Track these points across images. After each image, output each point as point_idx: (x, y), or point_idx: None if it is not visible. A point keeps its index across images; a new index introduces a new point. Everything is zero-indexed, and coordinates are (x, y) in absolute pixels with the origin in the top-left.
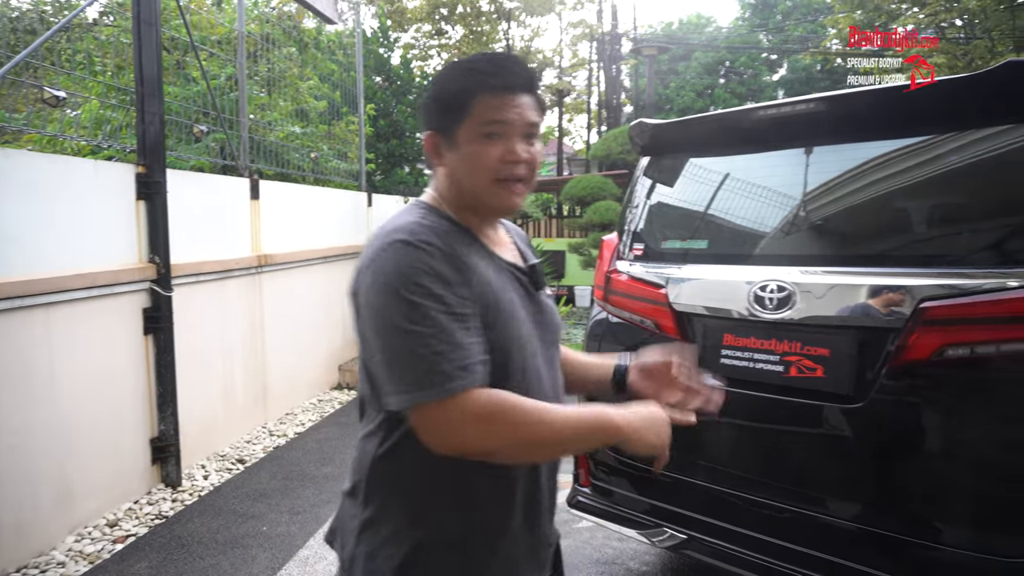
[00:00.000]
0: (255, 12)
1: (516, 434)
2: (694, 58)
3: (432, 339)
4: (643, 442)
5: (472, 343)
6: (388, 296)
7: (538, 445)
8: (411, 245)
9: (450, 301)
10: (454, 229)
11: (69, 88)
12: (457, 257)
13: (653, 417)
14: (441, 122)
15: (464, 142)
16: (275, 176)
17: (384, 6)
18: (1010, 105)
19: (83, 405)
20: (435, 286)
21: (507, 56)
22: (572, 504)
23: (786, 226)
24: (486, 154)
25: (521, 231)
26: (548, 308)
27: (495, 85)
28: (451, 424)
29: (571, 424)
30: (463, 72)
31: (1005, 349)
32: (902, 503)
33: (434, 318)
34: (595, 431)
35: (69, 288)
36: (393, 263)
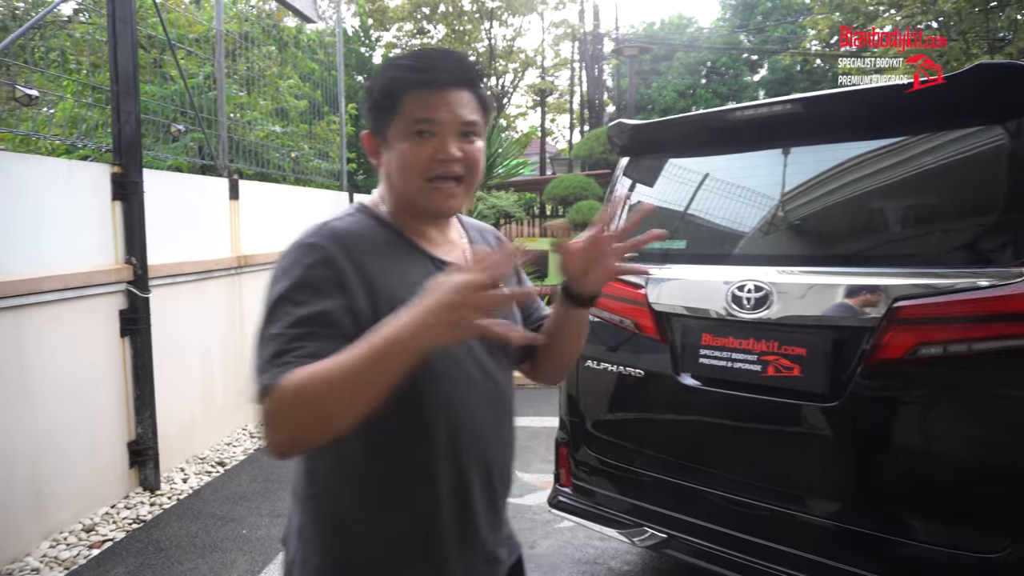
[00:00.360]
0: (234, 11)
1: (320, 402)
2: (676, 58)
3: (271, 340)
4: (442, 332)
5: (309, 352)
6: (269, 291)
7: (346, 402)
8: (302, 245)
9: (305, 308)
10: (379, 230)
11: (45, 87)
12: (352, 264)
13: (434, 301)
14: (375, 122)
15: (395, 141)
16: (255, 176)
17: (365, 5)
18: (981, 107)
19: (57, 409)
20: (303, 290)
21: (443, 51)
22: (553, 504)
23: (764, 226)
24: (416, 153)
25: (491, 229)
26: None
27: (425, 81)
28: (266, 419)
29: (364, 358)
30: (393, 70)
31: (977, 348)
32: (878, 501)
33: (287, 320)
34: (385, 352)
35: (40, 290)
36: (282, 262)
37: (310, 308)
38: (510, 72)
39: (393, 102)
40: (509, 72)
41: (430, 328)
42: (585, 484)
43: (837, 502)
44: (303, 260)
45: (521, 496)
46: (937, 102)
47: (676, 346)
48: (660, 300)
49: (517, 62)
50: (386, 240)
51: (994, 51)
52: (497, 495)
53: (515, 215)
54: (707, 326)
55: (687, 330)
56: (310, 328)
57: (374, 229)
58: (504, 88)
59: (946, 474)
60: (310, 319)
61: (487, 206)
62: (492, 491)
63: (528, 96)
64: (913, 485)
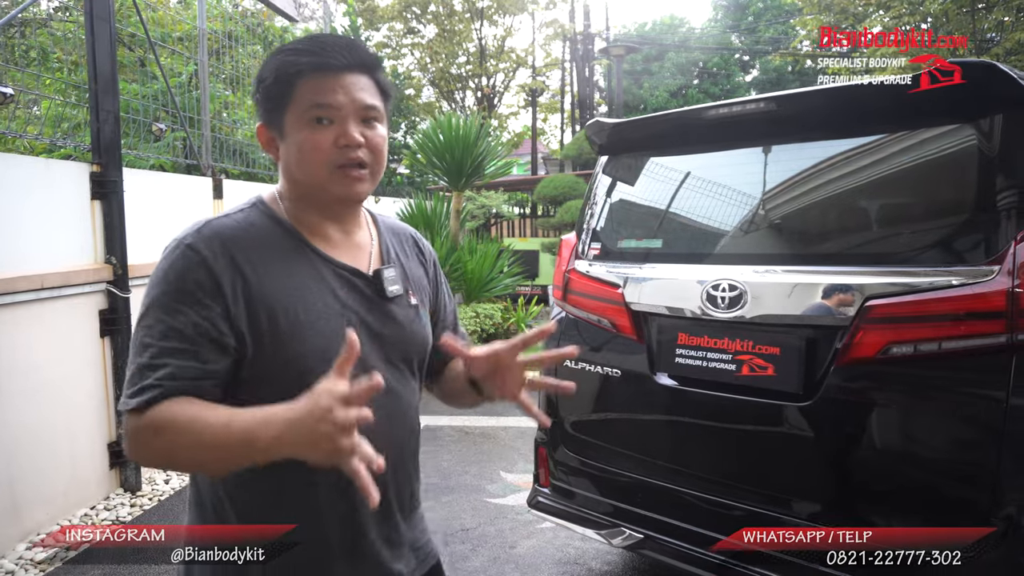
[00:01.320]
0: (216, 10)
1: (173, 451)
2: (668, 59)
3: (145, 349)
4: (307, 455)
5: (180, 364)
6: (145, 294)
7: (197, 463)
8: (179, 246)
9: (181, 316)
10: (270, 229)
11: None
12: (227, 267)
13: (305, 421)
14: (268, 112)
15: (292, 131)
16: (242, 175)
17: (355, 4)
18: (952, 106)
19: (35, 409)
20: (174, 297)
21: (335, 36)
22: (532, 504)
23: (739, 225)
24: (317, 141)
25: (408, 230)
26: (398, 320)
27: (318, 65)
28: (125, 436)
29: (226, 441)
30: (284, 54)
31: (947, 347)
32: (851, 500)
33: (157, 328)
34: (241, 448)
35: (15, 290)
36: (159, 262)
37: (180, 319)
38: (501, 72)
39: (286, 89)
40: (500, 72)
41: (291, 445)
42: (564, 484)
43: (811, 502)
44: (178, 264)
45: (504, 496)
46: (912, 102)
47: (653, 346)
48: (636, 299)
49: (508, 62)
50: (275, 240)
51: (981, 52)
52: (393, 509)
53: (505, 215)
54: (683, 325)
55: (663, 330)
56: (178, 343)
57: (264, 227)
58: (495, 88)
59: (918, 473)
60: (179, 332)
61: (476, 206)
62: (385, 507)
63: (520, 96)
64: (885, 484)
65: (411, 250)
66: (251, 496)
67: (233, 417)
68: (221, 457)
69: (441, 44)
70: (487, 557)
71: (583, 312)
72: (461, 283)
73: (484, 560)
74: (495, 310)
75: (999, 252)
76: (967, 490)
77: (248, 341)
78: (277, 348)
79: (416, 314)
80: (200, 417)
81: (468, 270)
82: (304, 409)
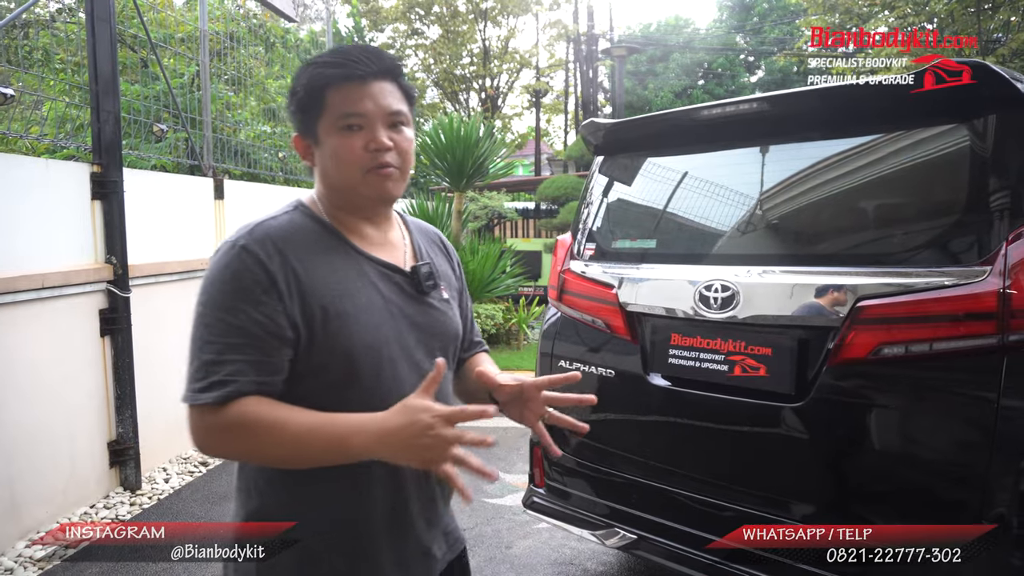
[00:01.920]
0: (219, 11)
1: (258, 449)
2: (672, 59)
3: (208, 346)
4: (403, 461)
5: (245, 360)
6: (200, 294)
7: (286, 460)
8: (234, 247)
9: (241, 314)
10: (314, 229)
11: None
12: (281, 266)
13: (402, 433)
14: (302, 123)
15: (325, 138)
16: (244, 176)
17: (359, 5)
18: (945, 107)
19: (35, 408)
20: (233, 296)
21: (359, 46)
22: (527, 505)
23: (732, 226)
24: (349, 146)
25: (434, 230)
26: (435, 313)
27: (346, 75)
28: (196, 430)
29: (315, 443)
30: (313, 68)
31: (938, 347)
32: (843, 501)
33: (218, 326)
34: (334, 450)
35: (15, 289)
36: (213, 263)
37: (242, 316)
38: (505, 73)
39: (317, 99)
40: (504, 73)
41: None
42: (558, 485)
43: (804, 503)
44: (234, 264)
45: (502, 496)
46: (907, 101)
47: (646, 346)
48: (630, 300)
49: (512, 63)
50: (319, 239)
51: (987, 52)
52: (433, 488)
53: (507, 215)
54: (676, 326)
55: (657, 330)
56: (242, 339)
57: (308, 228)
58: (499, 89)
59: (910, 474)
60: (242, 329)
61: (479, 207)
62: (428, 488)
63: (523, 97)
64: (878, 485)
65: (438, 248)
66: (306, 473)
67: (319, 422)
68: (305, 456)
69: (445, 45)
70: (483, 557)
71: (578, 312)
72: None
73: (480, 560)
74: (497, 310)
75: (991, 253)
76: (959, 490)
77: (302, 335)
78: (327, 340)
79: (449, 307)
80: (283, 419)
81: (470, 271)
82: (399, 424)
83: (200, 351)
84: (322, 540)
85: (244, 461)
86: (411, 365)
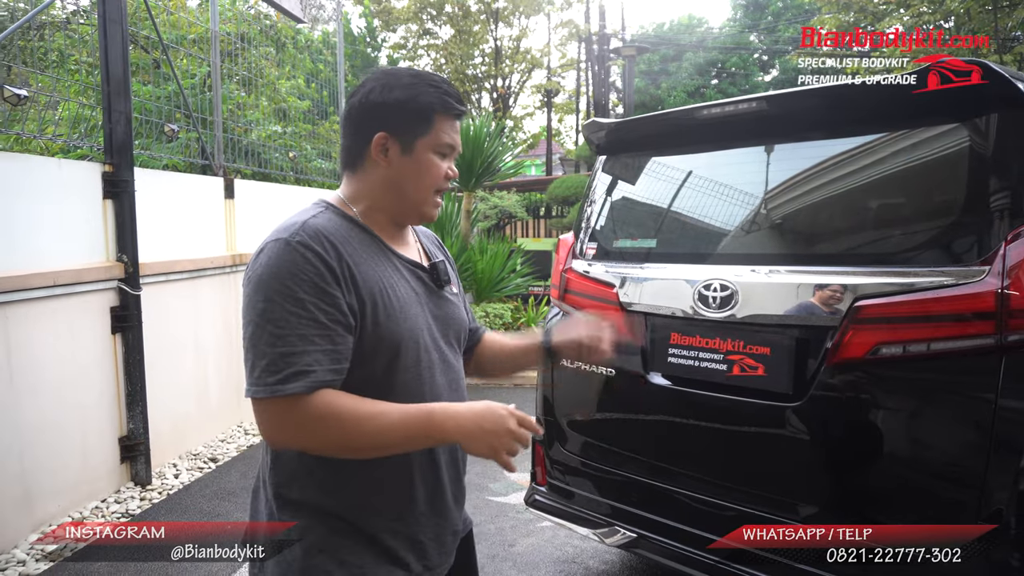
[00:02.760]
0: (230, 13)
1: (343, 438)
2: (686, 58)
3: (279, 340)
4: (472, 446)
5: (319, 349)
6: (257, 291)
7: (366, 448)
8: (288, 245)
9: (309, 306)
10: (351, 229)
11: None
12: (337, 259)
13: (483, 423)
14: (400, 127)
15: (422, 153)
16: (255, 176)
17: (371, 6)
18: (945, 106)
19: (47, 404)
20: (298, 289)
21: (451, 84)
22: (529, 502)
23: (732, 225)
24: (437, 168)
25: (429, 233)
26: (450, 305)
27: (449, 107)
28: (276, 423)
29: (398, 428)
30: (427, 86)
31: (936, 347)
32: (842, 501)
33: (287, 320)
34: (419, 435)
35: (28, 287)
36: (266, 260)
37: (309, 308)
38: (516, 73)
39: (427, 119)
40: (515, 73)
41: (470, 441)
42: (560, 483)
43: (803, 502)
44: (295, 259)
45: (506, 495)
46: (905, 102)
47: (646, 345)
48: (630, 299)
49: (523, 63)
50: (357, 236)
51: (1004, 51)
52: (460, 472)
53: (517, 215)
54: (675, 325)
55: (656, 329)
56: (313, 330)
57: (345, 226)
58: (510, 89)
59: (908, 473)
60: (312, 320)
61: (489, 206)
62: (457, 468)
63: (535, 97)
64: (876, 485)
65: (437, 246)
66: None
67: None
68: (385, 443)
69: (456, 45)
70: (485, 555)
71: (579, 311)
72: (471, 283)
73: (483, 557)
74: (505, 310)
75: (990, 253)
76: (957, 490)
77: (357, 323)
78: (377, 329)
79: (459, 299)
80: (364, 408)
81: (478, 270)
82: (484, 415)
83: (270, 346)
84: (373, 523)
85: (319, 452)
86: (437, 352)
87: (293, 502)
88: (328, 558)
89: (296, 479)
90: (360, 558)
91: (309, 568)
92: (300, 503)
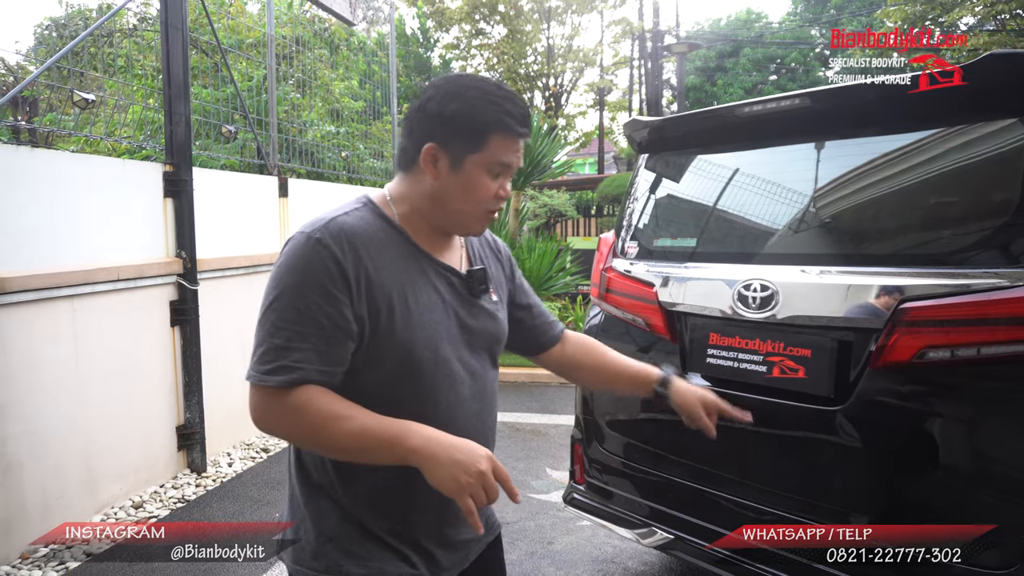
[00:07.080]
0: (286, 17)
1: (311, 434)
2: (743, 54)
3: (278, 331)
4: (436, 473)
5: (312, 348)
6: (272, 279)
7: (332, 449)
8: (308, 240)
9: (312, 305)
10: (384, 229)
11: (115, 91)
12: (353, 262)
13: (455, 453)
14: (452, 142)
15: (471, 169)
16: (310, 175)
17: (424, 7)
18: (998, 100)
19: (110, 392)
20: (306, 287)
21: (520, 99)
22: (567, 501)
23: (773, 225)
24: (486, 188)
25: (488, 237)
26: (484, 315)
27: (510, 127)
28: (257, 408)
29: (360, 436)
30: (487, 104)
31: (987, 352)
32: (881, 507)
33: (289, 314)
34: (381, 447)
35: (94, 281)
36: (288, 251)
37: (313, 307)
38: (568, 71)
39: (480, 137)
40: (568, 71)
41: (435, 470)
42: (598, 482)
43: (842, 508)
44: (311, 256)
45: (547, 493)
46: (954, 97)
47: (685, 345)
48: (670, 298)
49: (576, 61)
50: (387, 236)
51: None
52: None
53: (567, 214)
54: (714, 325)
55: (695, 329)
56: (311, 328)
57: (377, 226)
58: (563, 87)
59: (954, 482)
60: (313, 319)
61: (538, 205)
62: None
63: (588, 95)
64: (920, 493)
65: (490, 251)
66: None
67: (376, 420)
68: (355, 449)
69: (509, 44)
70: (524, 552)
71: (619, 311)
72: None
73: (521, 554)
74: (553, 308)
75: None
76: (1004, 503)
77: (367, 328)
78: (390, 335)
79: (497, 309)
80: (340, 409)
81: (527, 268)
82: (460, 447)
83: (270, 335)
84: (377, 524)
85: (296, 444)
86: (461, 362)
87: (313, 484)
88: (335, 547)
89: (316, 464)
90: (367, 551)
91: (319, 554)
92: (319, 486)
